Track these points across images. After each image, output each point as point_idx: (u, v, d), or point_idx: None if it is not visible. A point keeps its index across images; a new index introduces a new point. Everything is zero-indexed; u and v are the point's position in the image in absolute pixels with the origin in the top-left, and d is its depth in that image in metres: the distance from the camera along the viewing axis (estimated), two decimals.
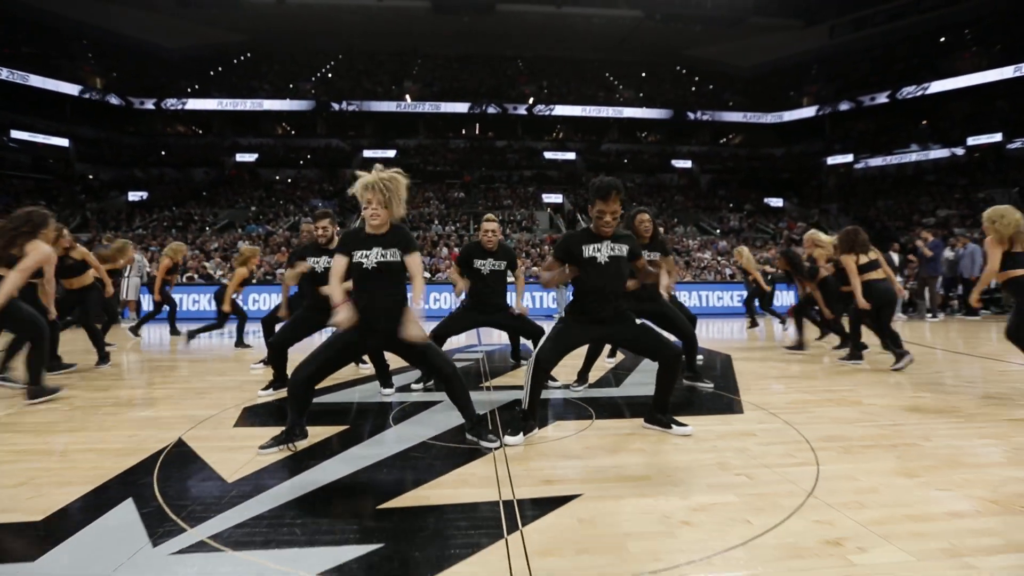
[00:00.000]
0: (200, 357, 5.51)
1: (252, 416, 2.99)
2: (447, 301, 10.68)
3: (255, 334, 7.41)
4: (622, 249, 2.59)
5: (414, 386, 3.66)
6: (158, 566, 1.39)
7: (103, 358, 4.68)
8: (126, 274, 9.05)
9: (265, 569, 1.37)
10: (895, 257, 10.49)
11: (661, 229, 4.84)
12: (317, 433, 2.58)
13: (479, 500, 1.80)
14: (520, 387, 3.51)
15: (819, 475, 2.01)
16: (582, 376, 3.77)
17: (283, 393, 3.55)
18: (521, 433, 2.50)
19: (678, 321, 3.75)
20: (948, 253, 10.12)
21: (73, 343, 5.77)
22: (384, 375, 3.58)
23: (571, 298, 2.73)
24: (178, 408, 3.14)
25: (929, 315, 9.75)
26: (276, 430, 2.50)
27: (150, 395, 3.54)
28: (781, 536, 1.53)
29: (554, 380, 4.53)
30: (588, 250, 2.55)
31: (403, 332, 2.31)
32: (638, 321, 2.67)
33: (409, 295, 2.46)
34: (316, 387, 2.50)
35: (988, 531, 1.56)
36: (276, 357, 3.52)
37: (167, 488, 1.91)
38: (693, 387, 3.72)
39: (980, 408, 3.05)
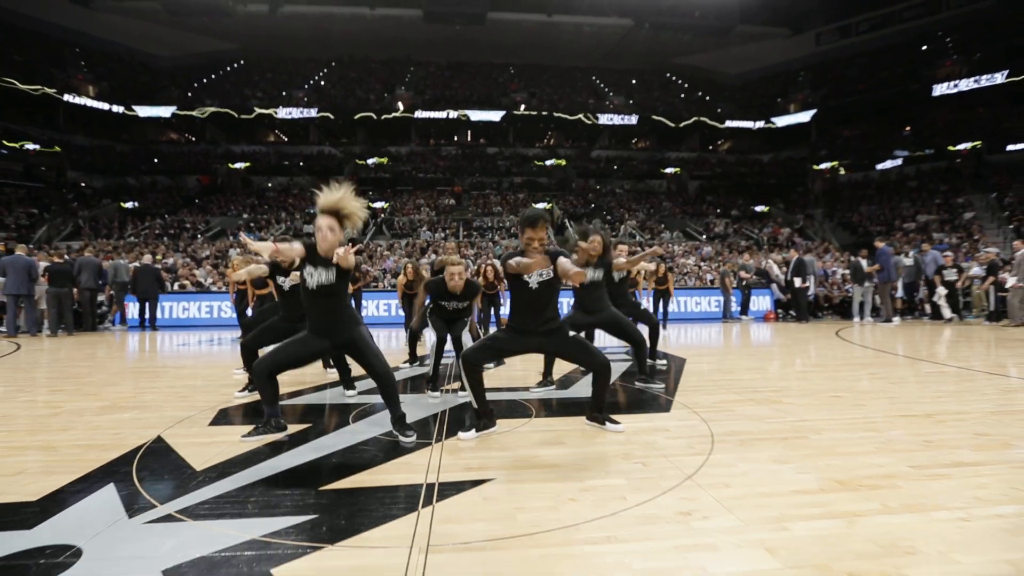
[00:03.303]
0: (181, 363, 5.80)
1: (226, 416, 3.31)
2: None
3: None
4: (549, 272, 2.79)
5: (431, 394, 3.90)
6: (128, 532, 1.71)
7: None
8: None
9: (219, 533, 1.69)
10: (864, 264, 10.87)
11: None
12: (280, 434, 2.90)
13: (406, 483, 2.13)
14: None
15: (706, 463, 2.35)
16: (546, 377, 4.11)
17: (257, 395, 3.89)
18: (474, 430, 2.81)
19: (627, 327, 4.08)
20: (907, 260, 10.51)
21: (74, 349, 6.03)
22: (347, 379, 3.91)
23: (508, 311, 3.05)
24: (160, 411, 3.44)
25: (888, 320, 10.12)
26: (248, 427, 2.84)
27: (135, 399, 3.84)
28: (646, 509, 1.87)
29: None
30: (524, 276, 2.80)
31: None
32: (571, 334, 2.98)
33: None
34: (279, 382, 2.88)
35: (819, 504, 1.90)
36: (249, 359, 3.84)
37: (144, 475, 2.23)
38: (645, 388, 4.06)
39: (889, 407, 3.40)
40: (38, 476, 2.22)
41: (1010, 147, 23.97)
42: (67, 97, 27.36)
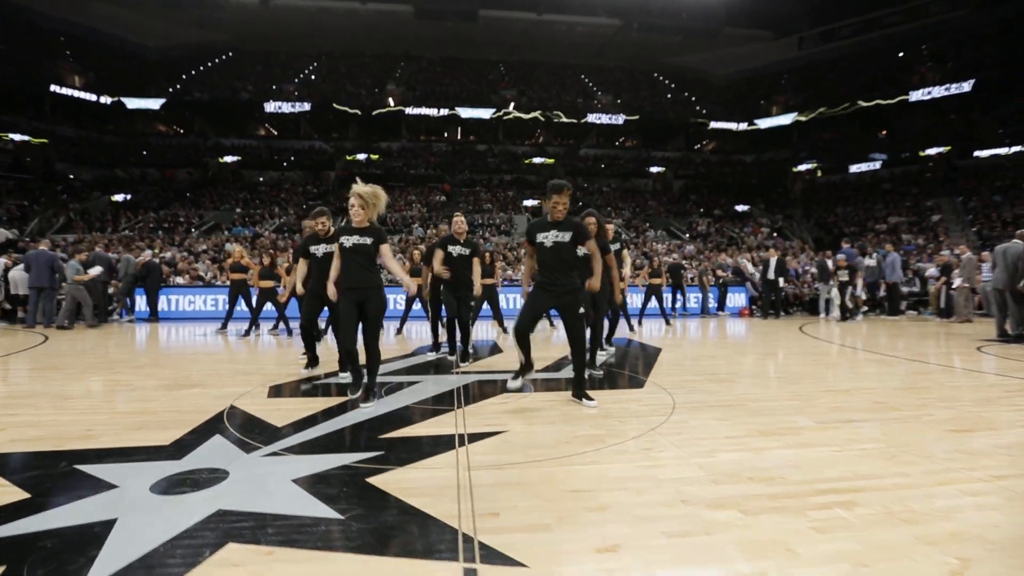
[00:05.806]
0: (210, 351, 6.42)
1: (277, 391, 3.98)
2: None
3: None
4: (566, 236, 3.41)
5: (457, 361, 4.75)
6: (252, 461, 2.41)
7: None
8: None
9: (320, 461, 2.39)
10: (829, 264, 11.75)
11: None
12: (331, 402, 3.59)
13: (443, 434, 2.85)
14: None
15: (666, 421, 3.10)
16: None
17: (314, 371, 4.62)
18: (520, 380, 3.66)
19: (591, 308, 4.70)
20: (870, 261, 11.43)
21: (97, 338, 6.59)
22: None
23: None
24: (220, 387, 4.10)
25: (851, 318, 11.03)
26: (297, 401, 3.53)
27: (188, 379, 4.48)
28: (619, 447, 2.62)
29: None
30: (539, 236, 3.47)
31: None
32: (581, 311, 3.46)
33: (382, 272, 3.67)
34: (355, 350, 3.67)
35: (741, 444, 2.67)
36: (307, 337, 4.55)
37: (239, 429, 2.92)
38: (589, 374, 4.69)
39: (818, 385, 4.20)
40: (158, 430, 2.89)
41: (977, 153, 25.22)
42: (53, 87, 27.24)
